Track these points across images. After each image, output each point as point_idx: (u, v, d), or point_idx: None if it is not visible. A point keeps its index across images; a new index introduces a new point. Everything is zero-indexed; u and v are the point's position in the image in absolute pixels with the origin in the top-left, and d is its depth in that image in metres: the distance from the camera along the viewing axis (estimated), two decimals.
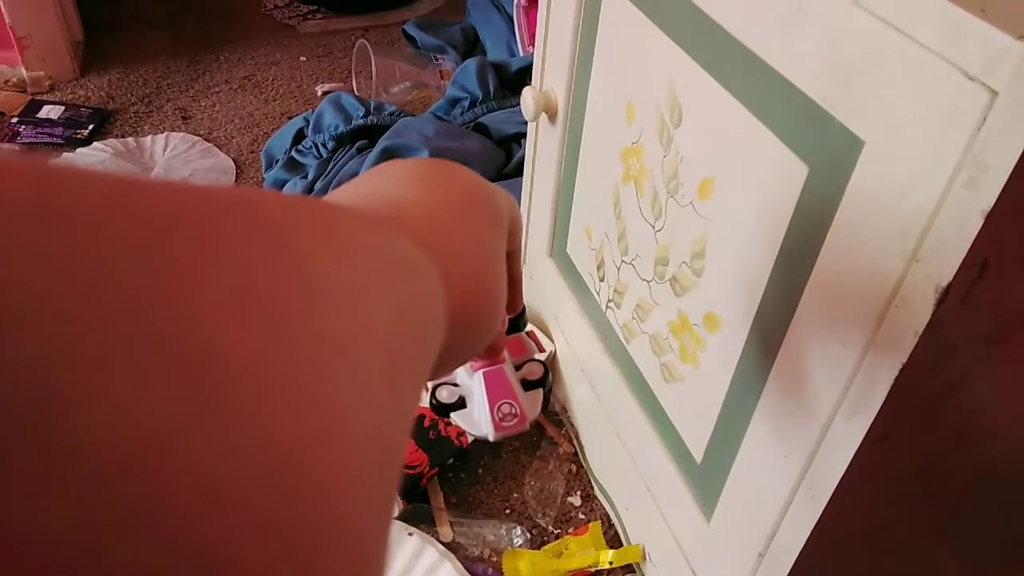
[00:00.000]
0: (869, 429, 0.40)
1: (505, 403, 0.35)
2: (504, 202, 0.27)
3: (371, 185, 0.23)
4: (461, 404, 0.36)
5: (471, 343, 0.23)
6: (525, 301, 0.37)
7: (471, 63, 1.16)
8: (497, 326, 0.25)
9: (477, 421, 0.36)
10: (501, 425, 0.35)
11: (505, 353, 0.37)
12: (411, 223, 0.21)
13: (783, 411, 0.47)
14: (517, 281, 0.32)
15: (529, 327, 0.40)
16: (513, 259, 0.30)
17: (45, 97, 1.31)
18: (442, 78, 1.30)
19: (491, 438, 0.36)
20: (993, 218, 0.32)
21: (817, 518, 0.45)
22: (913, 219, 0.35)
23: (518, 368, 0.38)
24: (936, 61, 0.32)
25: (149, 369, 0.10)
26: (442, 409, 0.36)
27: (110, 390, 0.10)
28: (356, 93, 1.32)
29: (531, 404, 0.36)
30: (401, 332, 0.16)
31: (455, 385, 0.37)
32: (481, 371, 0.35)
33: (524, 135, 1.03)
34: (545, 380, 0.38)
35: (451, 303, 0.20)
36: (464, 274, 0.21)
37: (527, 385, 0.37)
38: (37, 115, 1.25)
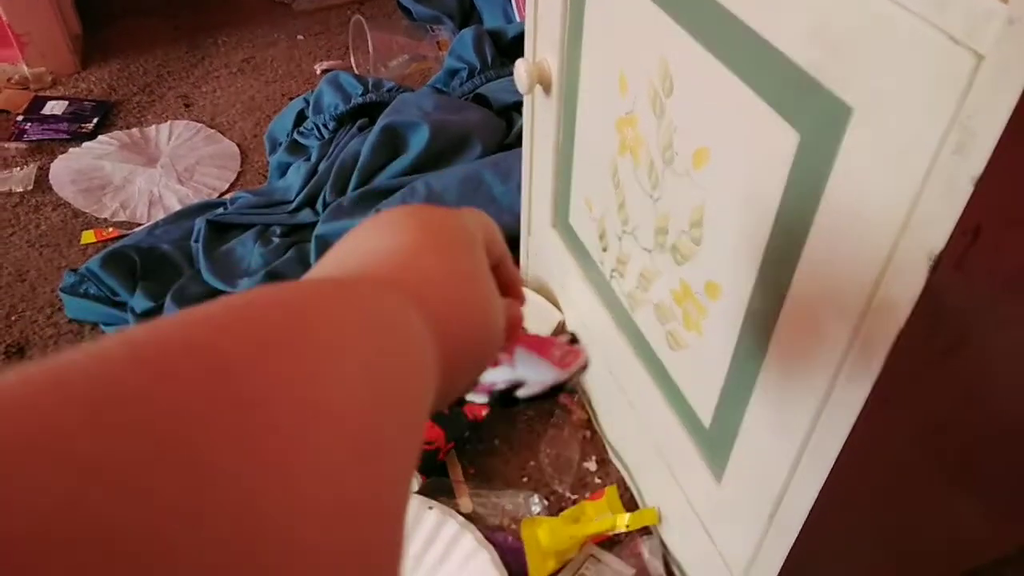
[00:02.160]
0: (871, 392, 0.40)
1: (554, 348, 0.36)
2: (471, 220, 0.27)
3: (338, 254, 0.24)
4: (518, 385, 0.36)
5: (474, 362, 0.24)
6: (531, 270, 0.37)
7: (467, 33, 1.14)
8: (497, 335, 0.25)
9: (542, 380, 0.35)
10: (564, 363, 0.35)
11: (524, 326, 0.37)
12: (384, 272, 0.22)
13: (785, 376, 0.47)
14: (515, 279, 0.33)
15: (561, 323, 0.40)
16: (502, 267, 0.31)
17: (48, 93, 1.32)
18: (440, 49, 1.28)
19: (563, 379, 0.35)
20: (984, 184, 0.31)
21: (824, 480, 0.46)
22: (904, 186, 0.34)
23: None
24: (921, 26, 0.32)
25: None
26: (505, 401, 0.36)
27: None
28: (354, 69, 1.31)
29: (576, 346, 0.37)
30: (376, 402, 0.17)
31: (501, 379, 0.37)
32: (517, 347, 0.36)
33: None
34: (574, 338, 0.38)
35: (440, 330, 0.20)
36: (447, 301, 0.22)
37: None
38: (41, 111, 1.26)
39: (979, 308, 0.39)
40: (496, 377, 0.36)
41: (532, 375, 0.36)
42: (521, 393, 0.36)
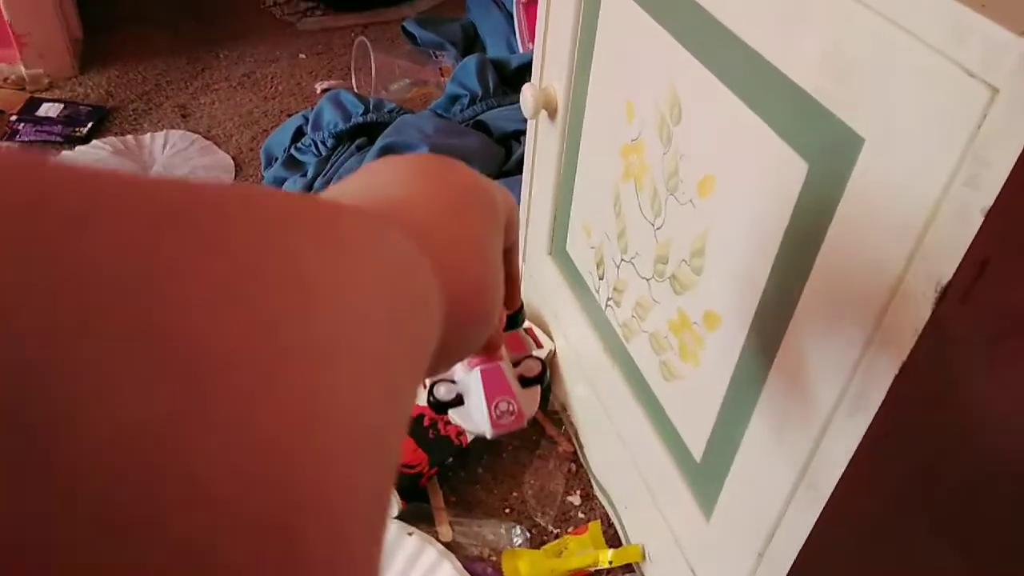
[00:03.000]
0: (869, 427, 0.40)
1: (503, 400, 0.35)
2: (501, 198, 0.26)
3: (367, 182, 0.23)
4: (459, 401, 0.36)
5: (468, 339, 0.23)
6: (523, 298, 0.37)
7: (471, 60, 1.16)
8: (494, 322, 0.24)
9: (475, 419, 0.36)
10: (498, 423, 0.35)
11: (503, 350, 0.36)
12: (406, 219, 0.21)
13: (783, 409, 0.47)
14: (515, 277, 0.32)
15: (527, 324, 0.40)
16: (511, 255, 0.30)
17: (44, 95, 1.31)
18: (442, 75, 1.29)
19: (489, 435, 0.36)
20: (993, 216, 0.31)
21: (817, 517, 0.45)
22: (913, 217, 0.34)
23: (516, 365, 0.37)
24: (936, 58, 0.32)
25: (137, 366, 0.10)
26: (440, 406, 0.36)
27: (98, 387, 0.10)
28: (355, 90, 1.31)
29: (529, 401, 0.36)
30: (394, 329, 0.16)
31: (452, 382, 0.37)
32: (479, 368, 0.35)
33: (524, 132, 1.03)
34: (543, 377, 0.38)
35: (446, 299, 0.20)
36: (459, 269, 0.21)
37: (525, 382, 0.37)
38: (36, 113, 1.25)
39: (982, 343, 0.39)
40: (445, 378, 0.36)
41: (469, 407, 0.36)
42: (452, 414, 0.36)
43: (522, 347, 0.39)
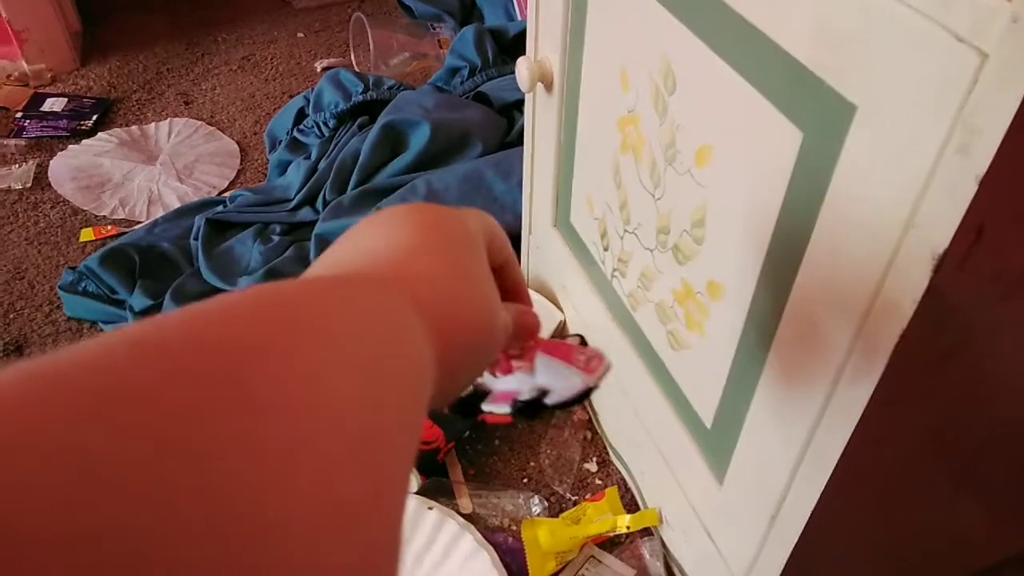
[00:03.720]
0: (873, 394, 0.40)
1: (577, 353, 0.35)
2: (473, 219, 0.27)
3: (346, 247, 0.24)
4: (544, 394, 0.36)
5: (472, 362, 0.24)
6: (531, 270, 0.37)
7: (468, 31, 1.14)
8: (497, 333, 0.25)
9: (568, 385, 0.35)
10: (589, 368, 0.35)
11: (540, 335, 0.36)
12: (380, 270, 0.22)
13: (787, 377, 0.47)
14: (519, 285, 0.32)
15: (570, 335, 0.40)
16: (508, 269, 0.30)
17: (47, 90, 1.31)
18: (440, 47, 1.28)
19: (592, 384, 0.35)
20: (988, 183, 0.31)
21: (825, 482, 0.45)
22: (907, 185, 0.34)
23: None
24: (925, 23, 0.31)
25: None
26: (529, 412, 0.35)
27: None
28: (355, 67, 1.30)
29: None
30: (374, 400, 0.17)
31: (527, 384, 0.36)
32: (537, 353, 0.35)
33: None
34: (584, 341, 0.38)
35: (436, 328, 0.20)
36: (445, 300, 0.22)
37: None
38: (41, 108, 1.26)
39: (982, 309, 0.39)
40: (517, 386, 0.35)
41: (558, 382, 0.35)
42: (550, 400, 0.35)
43: (570, 351, 0.38)
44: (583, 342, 0.38)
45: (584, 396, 0.35)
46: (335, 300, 0.17)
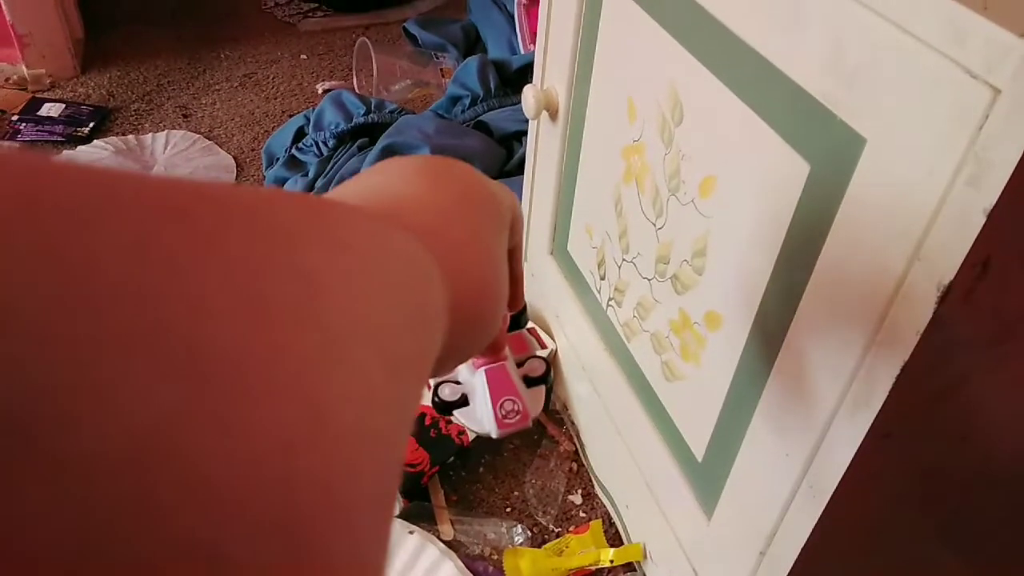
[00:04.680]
0: (871, 427, 0.40)
1: (508, 400, 0.35)
2: (505, 199, 0.26)
3: (372, 182, 0.23)
4: (464, 402, 0.36)
5: (473, 339, 0.23)
6: (526, 298, 0.37)
7: (472, 61, 1.16)
8: (499, 322, 0.24)
9: (480, 419, 0.36)
10: (504, 422, 0.35)
11: (507, 350, 0.37)
12: (411, 219, 0.21)
13: (785, 409, 0.47)
14: (518, 278, 0.32)
15: (530, 324, 0.40)
16: (515, 256, 0.30)
17: (46, 95, 1.31)
18: (443, 76, 1.29)
19: (494, 435, 0.36)
20: (995, 216, 0.31)
21: (818, 517, 0.45)
22: (915, 217, 0.35)
23: (520, 365, 0.38)
24: (938, 59, 0.32)
25: (141, 364, 0.10)
26: (444, 407, 0.36)
27: (102, 386, 0.10)
28: (357, 91, 1.31)
29: (533, 401, 0.36)
30: (399, 328, 0.16)
31: (457, 383, 0.37)
32: (483, 368, 0.35)
33: (525, 133, 1.03)
34: (547, 377, 0.38)
35: (452, 298, 0.20)
36: (465, 269, 0.21)
37: (529, 382, 0.37)
38: (37, 113, 1.25)
39: (983, 345, 0.39)
40: (450, 379, 0.36)
41: (475, 408, 0.36)
42: (457, 415, 0.36)
43: (526, 347, 0.39)
44: (548, 368, 0.38)
45: (480, 435, 0.36)
46: (373, 230, 0.17)
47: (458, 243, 0.22)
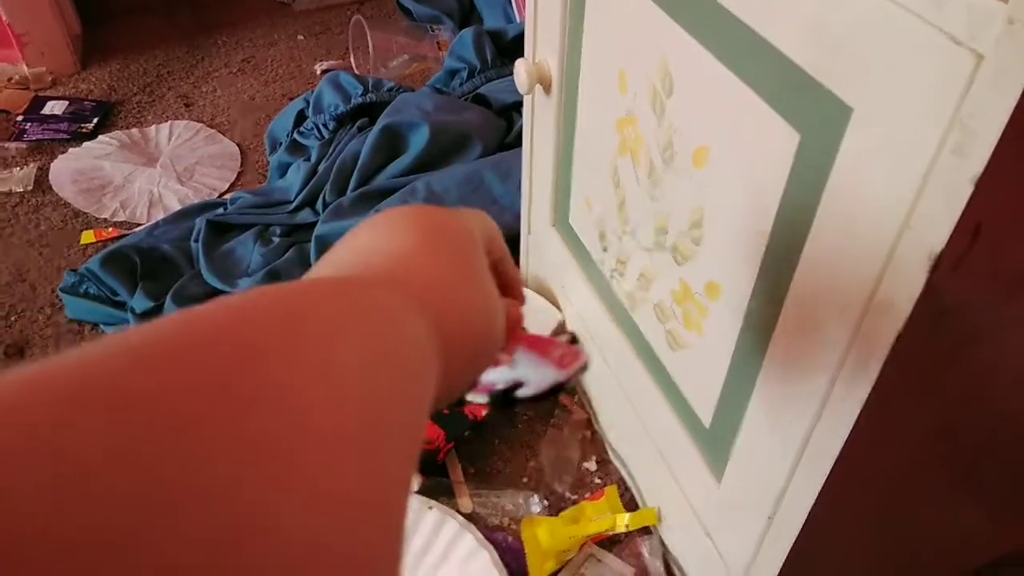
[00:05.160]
0: (870, 394, 0.40)
1: (554, 348, 0.36)
2: (473, 221, 0.27)
3: (351, 248, 0.24)
4: (519, 385, 0.37)
5: (475, 363, 0.25)
6: (531, 271, 0.38)
7: (467, 33, 1.14)
8: (496, 338, 0.25)
9: (541, 379, 0.36)
10: (563, 363, 0.36)
11: (524, 326, 0.37)
12: (385, 273, 0.22)
13: (785, 377, 0.47)
14: (515, 280, 0.33)
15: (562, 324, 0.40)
16: (503, 264, 0.31)
17: (48, 93, 1.32)
18: (440, 49, 1.28)
19: (563, 379, 0.36)
20: (983, 184, 0.31)
21: (822, 482, 0.46)
22: (904, 186, 0.34)
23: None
24: (922, 26, 0.32)
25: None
26: (505, 400, 0.36)
27: None
28: (355, 69, 1.31)
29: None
30: (378, 396, 0.17)
31: (492, 384, 0.37)
32: (517, 346, 0.36)
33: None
34: (575, 339, 0.39)
35: (440, 330, 0.21)
36: (447, 302, 0.22)
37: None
38: (41, 111, 1.26)
39: (979, 309, 0.39)
40: (496, 377, 0.36)
41: (532, 375, 0.36)
42: (520, 393, 0.36)
43: (547, 342, 0.39)
44: (574, 339, 0.39)
45: (556, 390, 0.36)
46: (336, 300, 0.18)
47: (433, 280, 0.23)
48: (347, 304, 0.18)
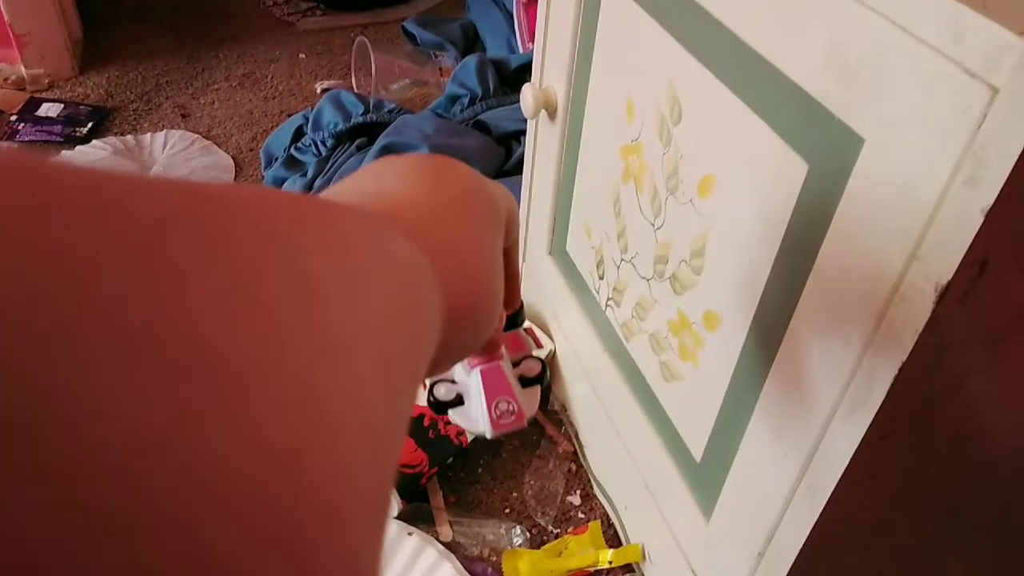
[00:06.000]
0: (869, 428, 0.40)
1: (503, 400, 0.35)
2: (501, 198, 0.26)
3: (367, 182, 0.23)
4: (459, 401, 0.36)
5: (468, 339, 0.23)
6: (523, 298, 0.37)
7: (471, 60, 1.16)
8: (494, 322, 0.24)
9: (475, 418, 0.36)
10: (499, 423, 0.35)
11: (503, 350, 0.36)
12: (407, 220, 0.21)
13: (783, 410, 0.47)
14: (515, 277, 0.32)
15: (527, 324, 0.40)
16: (511, 255, 0.30)
17: (44, 95, 1.31)
18: (442, 75, 1.29)
19: (489, 435, 0.36)
20: (993, 216, 0.31)
21: (816, 518, 0.45)
22: (913, 217, 0.34)
23: (516, 365, 0.37)
24: (937, 58, 0.32)
25: (142, 368, 0.10)
26: (440, 406, 0.36)
27: (102, 389, 0.09)
28: (355, 90, 1.31)
29: (529, 401, 0.36)
30: (395, 330, 0.16)
31: (452, 382, 0.37)
32: (479, 368, 0.35)
33: (524, 132, 1.03)
34: (543, 377, 0.38)
35: (447, 300, 0.20)
36: (460, 271, 0.21)
37: (525, 382, 0.37)
38: (36, 113, 1.25)
39: (981, 344, 0.39)
40: (445, 379, 0.36)
41: (470, 410, 0.36)
42: (452, 415, 0.36)
43: (522, 347, 0.39)
44: (544, 368, 0.38)
45: (476, 435, 0.36)
46: (373, 231, 0.17)
47: (453, 244, 0.22)
48: (377, 237, 0.17)
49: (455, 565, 0.69)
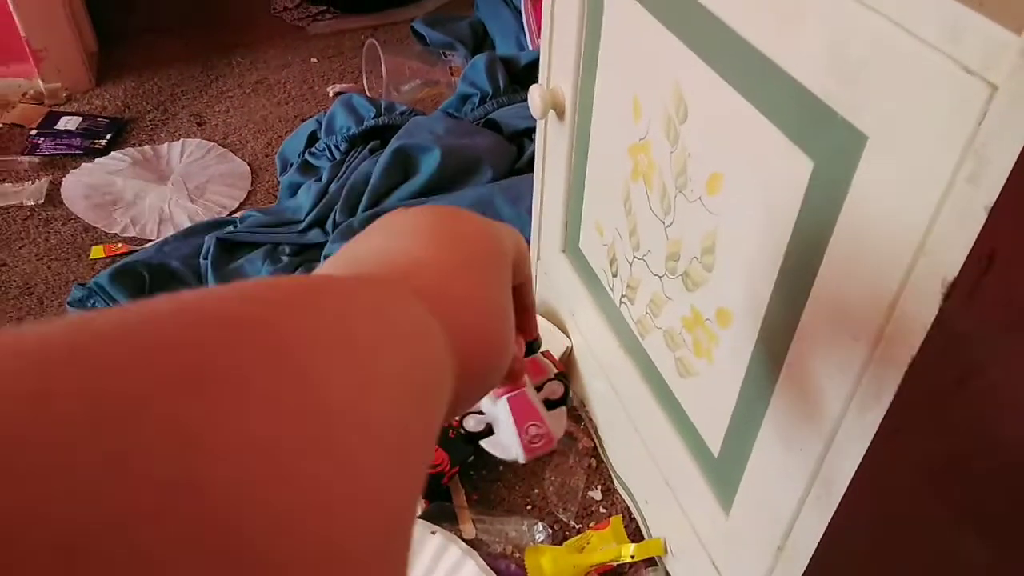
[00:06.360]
0: (882, 422, 0.40)
1: (532, 425, 0.36)
2: (508, 238, 0.27)
3: (377, 243, 0.24)
4: (488, 431, 0.37)
5: (481, 389, 0.24)
6: (538, 296, 0.38)
7: (480, 59, 1.16)
8: (504, 369, 0.25)
9: (507, 446, 0.37)
10: (531, 447, 0.36)
11: (525, 376, 0.37)
12: (420, 279, 0.22)
13: (796, 405, 0.47)
14: (530, 308, 0.32)
15: (543, 347, 0.41)
16: (523, 289, 0.30)
17: (62, 108, 1.33)
18: (452, 74, 1.30)
19: (522, 460, 0.37)
20: (997, 212, 0.31)
21: (833, 511, 0.45)
22: (917, 214, 0.35)
23: (539, 389, 0.39)
24: (936, 56, 0.32)
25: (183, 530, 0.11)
26: (470, 438, 0.37)
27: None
28: (367, 93, 1.32)
29: (556, 423, 0.37)
30: (411, 403, 0.17)
31: (481, 413, 0.38)
32: (505, 397, 0.36)
33: (535, 129, 1.03)
34: (566, 398, 0.39)
35: (460, 355, 0.20)
36: (473, 326, 0.22)
37: (549, 404, 0.38)
38: (55, 126, 1.28)
39: (991, 338, 0.39)
40: (473, 411, 0.37)
41: (500, 437, 0.37)
42: (484, 444, 0.38)
43: (543, 371, 0.40)
44: (566, 390, 0.39)
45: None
46: (379, 301, 0.18)
47: (465, 300, 0.22)
48: (390, 306, 0.18)
49: (478, 562, 0.70)
